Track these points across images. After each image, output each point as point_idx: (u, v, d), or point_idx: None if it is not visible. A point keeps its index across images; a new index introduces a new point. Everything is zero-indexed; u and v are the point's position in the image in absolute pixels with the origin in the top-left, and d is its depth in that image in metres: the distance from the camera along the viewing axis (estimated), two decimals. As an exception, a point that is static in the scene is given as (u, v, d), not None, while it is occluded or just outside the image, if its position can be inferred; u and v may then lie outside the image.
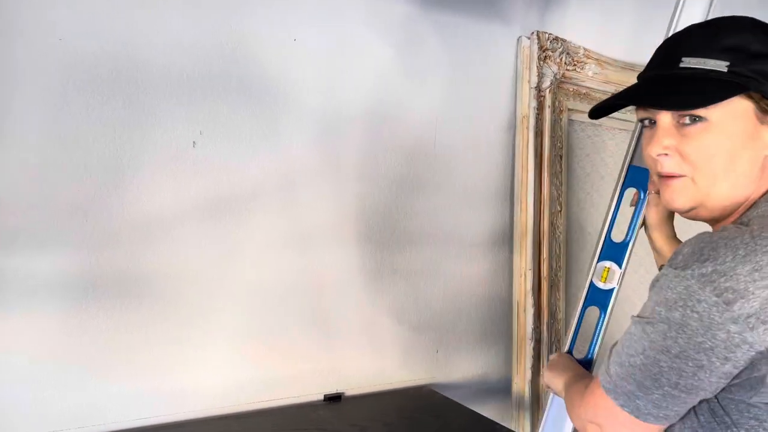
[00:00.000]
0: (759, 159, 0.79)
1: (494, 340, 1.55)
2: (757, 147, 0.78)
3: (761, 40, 0.78)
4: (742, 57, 0.77)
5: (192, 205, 1.19)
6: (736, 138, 0.78)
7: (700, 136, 0.78)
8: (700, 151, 0.79)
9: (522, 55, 1.53)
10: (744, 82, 0.76)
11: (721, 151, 0.78)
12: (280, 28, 1.25)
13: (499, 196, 1.55)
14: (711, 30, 0.82)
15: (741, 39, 0.78)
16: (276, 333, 1.28)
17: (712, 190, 0.80)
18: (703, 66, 0.78)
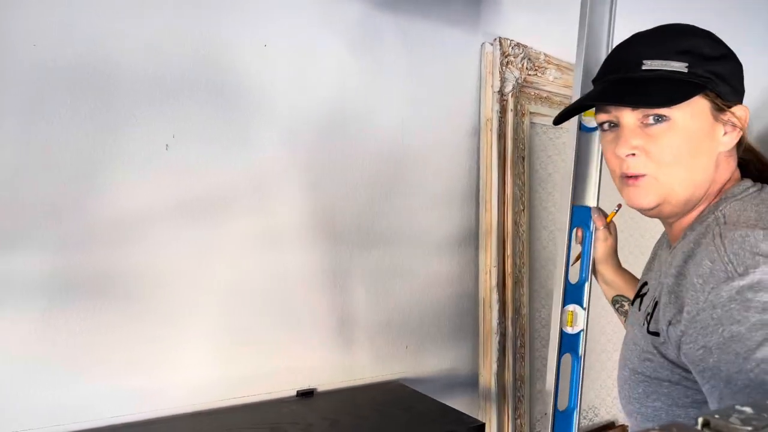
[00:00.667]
0: (714, 155, 0.84)
1: (461, 335, 1.60)
2: (712, 144, 0.84)
3: (709, 45, 0.84)
4: (698, 59, 0.83)
5: (165, 206, 1.21)
6: (696, 136, 0.82)
7: (665, 135, 0.82)
8: (665, 150, 0.82)
9: (485, 60, 1.59)
10: (703, 82, 0.81)
11: (683, 149, 0.82)
12: (252, 34, 1.29)
13: (465, 196, 1.61)
14: (665, 35, 0.87)
15: (693, 43, 0.84)
16: (249, 331, 1.31)
17: (676, 187, 0.84)
18: (666, 67, 0.83)
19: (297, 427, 1.18)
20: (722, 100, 0.83)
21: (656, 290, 0.88)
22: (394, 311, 1.51)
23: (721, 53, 0.84)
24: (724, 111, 0.84)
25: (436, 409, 1.32)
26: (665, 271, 0.86)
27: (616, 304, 1.20)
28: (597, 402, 1.88)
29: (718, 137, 0.84)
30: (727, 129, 0.84)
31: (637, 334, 0.89)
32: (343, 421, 1.22)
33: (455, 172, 1.59)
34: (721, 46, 0.85)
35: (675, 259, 0.83)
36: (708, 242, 0.77)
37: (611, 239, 1.21)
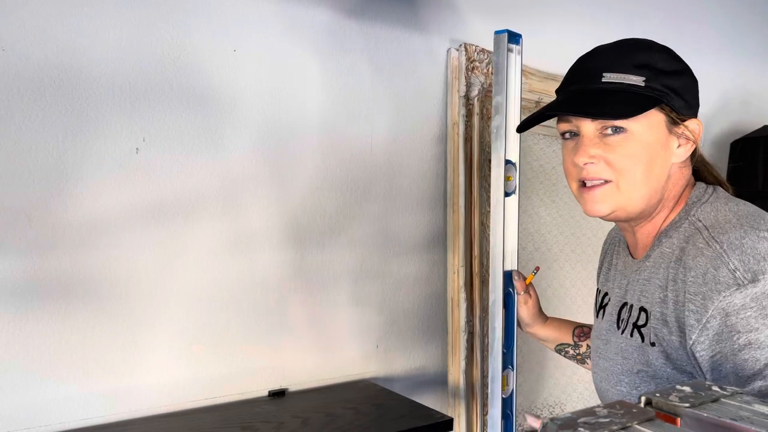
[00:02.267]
0: (668, 166, 0.88)
1: (431, 333, 1.64)
2: (667, 155, 0.87)
3: (666, 60, 0.88)
4: (654, 73, 0.86)
5: (136, 210, 1.22)
6: (652, 146, 0.86)
7: (622, 145, 0.86)
8: (624, 159, 0.86)
9: (451, 66, 1.63)
10: (658, 95, 0.85)
11: (640, 158, 0.86)
12: (221, 39, 1.31)
13: (433, 199, 1.64)
14: (623, 49, 0.90)
15: (650, 57, 0.87)
16: (220, 333, 1.33)
17: (633, 194, 0.87)
18: (624, 81, 0.86)
19: (269, 426, 1.20)
20: (677, 114, 0.87)
21: (638, 300, 0.89)
22: (364, 311, 1.53)
23: (677, 68, 0.88)
24: (678, 124, 0.87)
25: (405, 405, 1.35)
26: (648, 279, 0.88)
27: (561, 352, 1.25)
28: (563, 398, 1.94)
29: (672, 149, 0.88)
30: (681, 141, 0.88)
31: (626, 348, 0.90)
32: (314, 420, 1.24)
33: (423, 176, 1.62)
34: (678, 61, 0.89)
35: (657, 268, 0.86)
36: (701, 248, 0.80)
37: (531, 301, 1.24)
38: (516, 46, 1.19)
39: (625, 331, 0.91)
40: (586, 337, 1.23)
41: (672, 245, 0.86)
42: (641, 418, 0.46)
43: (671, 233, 0.87)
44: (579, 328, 1.25)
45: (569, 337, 1.24)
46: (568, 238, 1.97)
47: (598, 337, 1.01)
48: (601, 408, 0.47)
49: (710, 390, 0.54)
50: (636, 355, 0.88)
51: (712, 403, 0.52)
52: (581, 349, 1.23)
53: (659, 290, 0.84)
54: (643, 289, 0.89)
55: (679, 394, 0.52)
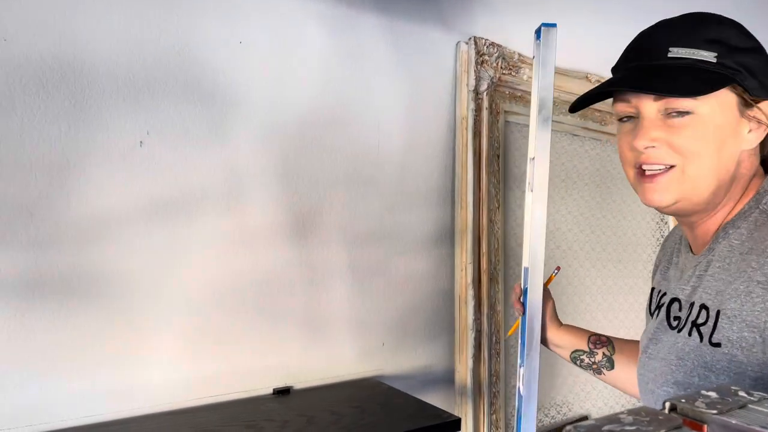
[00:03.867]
0: (737, 153, 0.81)
1: (437, 331, 1.61)
2: (737, 141, 0.80)
3: (738, 36, 0.80)
4: (726, 49, 0.78)
5: (139, 204, 1.20)
6: (722, 130, 0.79)
7: (690, 127, 0.78)
8: (690, 142, 0.78)
9: (460, 59, 1.61)
10: (731, 74, 0.77)
11: (709, 143, 0.78)
12: (226, 31, 1.29)
13: (441, 195, 1.62)
14: (693, 23, 0.82)
15: (721, 33, 0.80)
16: (224, 330, 1.31)
17: (700, 183, 0.80)
18: (694, 56, 0.78)
19: (273, 424, 1.18)
20: (750, 95, 0.79)
21: (699, 297, 0.83)
22: (370, 309, 1.51)
23: (751, 45, 0.80)
24: (751, 106, 0.80)
25: (412, 404, 1.32)
26: (713, 275, 0.81)
27: (576, 361, 1.18)
28: (570, 397, 1.91)
29: (742, 134, 0.80)
30: (752, 126, 0.80)
31: (682, 347, 0.84)
32: (319, 418, 1.22)
33: (431, 171, 1.60)
34: (751, 38, 0.81)
35: (726, 262, 0.80)
36: None
37: (549, 303, 1.18)
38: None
39: (682, 329, 0.84)
40: (603, 345, 1.16)
41: (741, 236, 0.79)
42: (668, 426, 0.44)
43: (739, 224, 0.80)
44: (594, 336, 1.18)
45: (584, 344, 1.17)
46: (588, 236, 1.94)
47: (647, 336, 0.96)
48: (626, 415, 0.44)
49: (737, 396, 0.52)
50: (693, 355, 0.81)
51: (740, 409, 0.49)
52: (597, 357, 1.17)
53: (730, 285, 0.77)
54: (706, 285, 0.82)
55: (705, 400, 0.50)
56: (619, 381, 1.17)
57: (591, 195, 1.94)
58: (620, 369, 1.15)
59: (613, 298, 2.01)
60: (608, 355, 1.16)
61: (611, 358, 1.16)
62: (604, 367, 1.16)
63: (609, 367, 1.16)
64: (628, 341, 1.19)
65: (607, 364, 1.16)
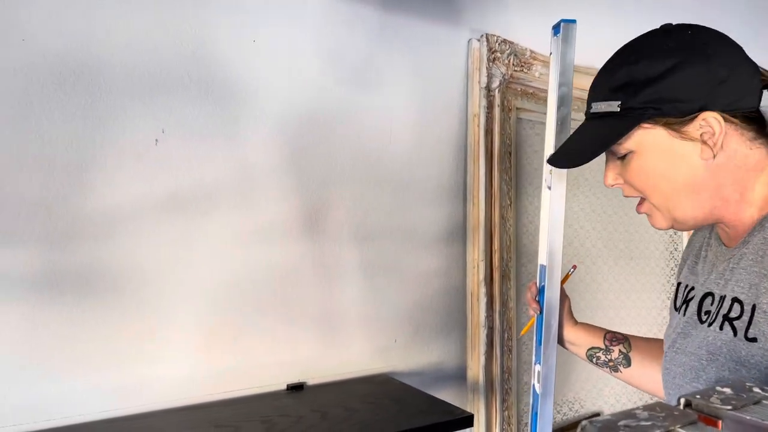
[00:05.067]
0: (698, 169, 0.81)
1: (450, 328, 1.62)
2: (691, 161, 0.81)
3: (648, 65, 0.81)
4: (631, 91, 0.82)
5: (154, 201, 1.22)
6: (667, 155, 0.82)
7: (634, 164, 0.84)
8: (639, 178, 0.85)
9: (472, 56, 1.61)
10: (638, 115, 0.81)
11: (656, 176, 0.83)
12: (240, 30, 1.30)
13: (453, 191, 1.62)
14: (607, 71, 0.88)
15: (628, 73, 0.83)
16: (238, 326, 1.32)
17: (675, 207, 0.84)
18: (603, 109, 0.85)
19: (287, 419, 1.19)
20: (675, 117, 0.80)
21: (731, 290, 0.83)
22: (383, 305, 1.52)
23: (665, 69, 0.80)
24: (689, 123, 0.81)
25: (425, 401, 1.33)
26: (746, 268, 0.81)
27: (592, 358, 1.18)
28: (582, 394, 1.91)
29: (693, 152, 0.81)
30: (706, 138, 0.81)
31: (713, 341, 0.84)
32: (333, 414, 1.23)
33: (443, 168, 1.60)
34: (671, 56, 0.81)
35: (762, 255, 0.79)
36: None
37: (565, 302, 1.19)
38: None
39: (713, 324, 0.84)
40: (619, 342, 1.16)
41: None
42: (683, 422, 0.44)
43: None
44: (610, 333, 1.19)
45: (600, 341, 1.17)
46: (612, 234, 1.94)
47: (675, 331, 0.95)
48: (641, 410, 0.45)
49: (752, 391, 0.52)
50: (725, 350, 0.80)
51: (754, 405, 0.50)
52: (613, 354, 1.17)
53: (765, 279, 0.77)
54: (739, 278, 0.82)
55: (720, 396, 0.50)
56: (636, 378, 1.17)
57: (603, 192, 1.93)
58: (637, 366, 1.15)
59: (626, 296, 2.01)
60: (625, 353, 1.16)
61: (628, 356, 1.16)
62: (621, 364, 1.16)
63: (626, 364, 1.16)
64: (645, 339, 1.19)
65: (624, 362, 1.16)
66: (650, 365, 1.13)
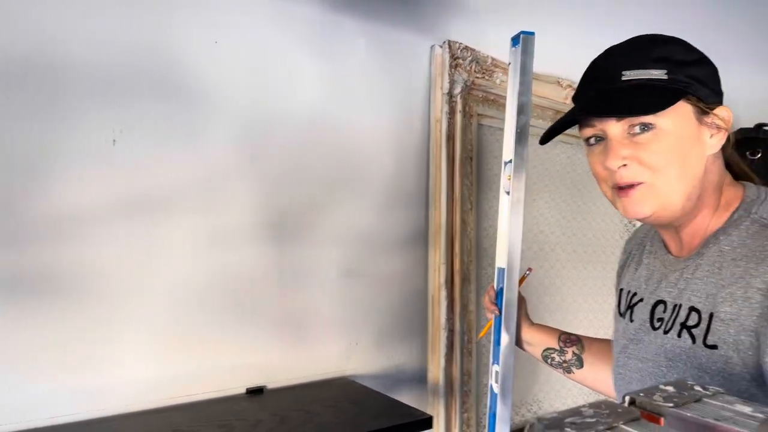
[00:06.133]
0: (704, 159, 0.84)
1: (411, 331, 1.63)
2: (701, 147, 0.84)
3: (681, 50, 0.85)
4: (674, 65, 0.83)
5: (113, 203, 1.20)
6: (684, 140, 0.83)
7: (654, 142, 0.82)
8: (657, 156, 0.82)
9: (435, 62, 1.63)
10: (683, 86, 0.82)
11: (675, 154, 0.82)
12: (202, 30, 1.29)
13: (415, 196, 1.64)
14: (640, 45, 0.87)
15: (667, 50, 0.84)
16: (197, 329, 1.30)
17: (672, 193, 0.83)
18: (645, 76, 0.83)
19: (245, 424, 1.18)
20: (704, 103, 0.83)
21: (687, 299, 0.85)
22: (345, 309, 1.52)
23: (696, 58, 0.84)
24: (708, 114, 0.84)
25: (385, 403, 1.34)
26: (702, 278, 0.84)
27: (548, 359, 1.21)
28: (541, 396, 1.95)
29: (705, 140, 0.84)
30: (713, 131, 0.84)
31: (671, 349, 0.86)
32: (292, 417, 1.22)
33: (406, 173, 1.61)
34: (694, 51, 0.86)
35: (717, 267, 0.82)
36: None
37: (522, 303, 1.22)
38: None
39: (670, 331, 0.87)
40: (572, 344, 1.19)
41: (732, 243, 0.82)
42: (626, 418, 0.46)
43: (730, 231, 0.83)
44: (564, 334, 1.21)
45: (555, 342, 1.20)
46: (570, 238, 1.98)
47: (625, 337, 0.97)
48: (587, 408, 0.46)
49: (693, 390, 0.54)
50: (685, 357, 0.83)
51: (695, 402, 0.52)
52: (567, 355, 1.19)
53: (722, 289, 0.80)
54: (695, 288, 0.85)
55: (663, 394, 0.52)
56: (588, 380, 1.19)
57: (562, 198, 1.97)
58: (588, 368, 1.18)
59: (583, 299, 2.05)
60: (578, 354, 1.19)
61: (580, 357, 1.18)
62: (574, 365, 1.19)
63: (578, 365, 1.18)
64: (597, 340, 1.21)
65: (577, 363, 1.18)
66: (601, 366, 1.16)
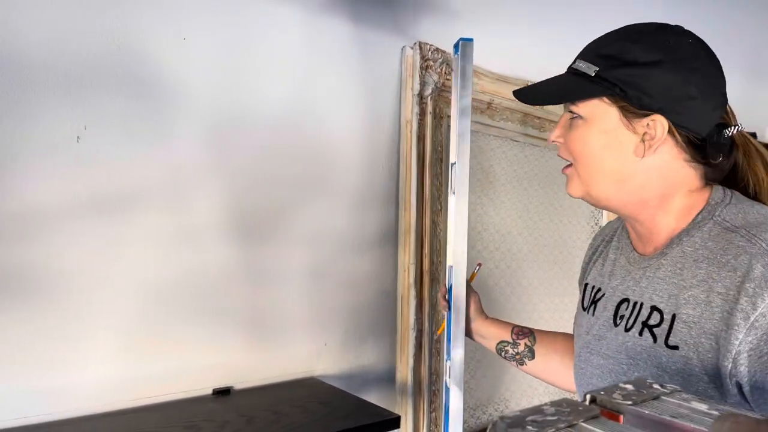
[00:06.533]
0: (628, 160, 0.85)
1: (380, 331, 1.63)
2: (624, 149, 0.84)
3: (639, 50, 0.83)
4: (612, 64, 0.84)
5: (76, 200, 1.17)
6: (606, 136, 0.85)
7: (577, 130, 0.87)
8: (575, 143, 0.88)
9: (406, 63, 1.63)
10: (607, 86, 0.83)
11: (592, 147, 0.86)
12: (170, 27, 1.27)
13: (385, 196, 1.64)
14: (606, 39, 0.88)
15: (620, 47, 0.84)
16: (163, 329, 1.29)
17: (592, 183, 0.88)
18: (582, 69, 0.87)
19: (212, 424, 1.17)
20: (635, 108, 0.83)
21: (650, 298, 0.86)
22: (314, 309, 1.52)
23: (653, 60, 0.82)
24: (640, 119, 0.83)
25: (353, 403, 1.34)
26: (664, 278, 0.84)
27: (501, 352, 1.24)
28: (507, 395, 1.97)
29: (629, 144, 0.85)
30: (646, 138, 0.84)
31: (632, 347, 0.86)
32: (259, 418, 1.22)
33: (376, 173, 1.62)
34: (659, 52, 0.82)
35: (679, 268, 0.82)
36: (743, 246, 0.77)
37: (473, 298, 1.26)
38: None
39: (631, 329, 0.88)
40: (525, 336, 1.23)
41: (695, 245, 0.83)
42: (586, 416, 0.47)
43: (693, 232, 0.84)
44: (517, 327, 1.25)
45: (508, 335, 1.24)
46: (537, 239, 2.01)
47: (588, 333, 0.98)
48: (549, 406, 0.47)
49: (651, 388, 0.55)
50: (645, 355, 0.84)
51: (653, 400, 0.53)
52: (519, 347, 1.23)
53: (684, 291, 0.81)
54: (657, 287, 0.86)
55: (622, 392, 0.53)
56: (539, 371, 1.23)
57: (529, 199, 2.00)
58: (540, 358, 1.21)
59: (550, 299, 2.09)
60: (529, 345, 1.22)
61: (532, 349, 1.22)
62: (526, 357, 1.22)
63: (530, 357, 1.22)
64: (549, 333, 1.25)
65: (529, 354, 1.22)
66: (553, 357, 1.20)
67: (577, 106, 0.87)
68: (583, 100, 0.87)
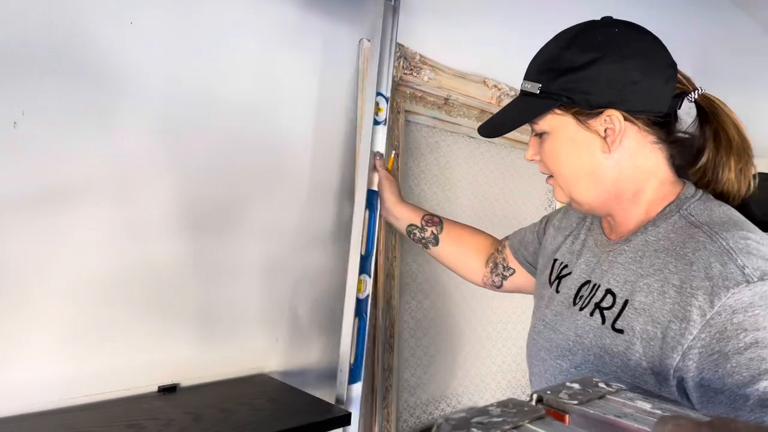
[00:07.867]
0: (599, 160, 0.87)
1: (333, 327, 1.62)
2: (592, 150, 0.87)
3: (574, 54, 0.85)
4: (552, 77, 0.87)
5: (13, 190, 1.11)
6: (573, 143, 0.88)
7: (546, 145, 0.92)
8: (548, 158, 0.93)
9: (363, 56, 1.61)
10: (553, 100, 0.87)
11: (563, 157, 0.90)
12: (116, 9, 1.22)
13: (341, 191, 1.62)
14: (542, 52, 0.91)
15: (555, 58, 0.87)
16: (106, 326, 1.24)
17: (572, 190, 0.92)
18: (527, 88, 0.92)
19: (157, 423, 1.13)
20: (586, 109, 0.86)
21: (607, 281, 0.87)
22: (266, 304, 1.49)
23: (590, 59, 0.84)
24: (595, 117, 0.86)
25: (304, 400, 1.32)
26: (624, 264, 0.86)
27: (410, 234, 1.39)
28: (460, 390, 1.98)
29: (595, 144, 0.87)
30: (608, 134, 0.86)
31: (582, 326, 0.88)
32: (206, 415, 1.18)
33: (333, 166, 1.59)
34: (592, 50, 0.84)
35: (640, 256, 0.84)
36: (703, 241, 0.78)
37: (392, 181, 1.43)
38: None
39: (584, 308, 0.90)
40: (434, 224, 1.36)
41: (658, 235, 0.85)
42: (532, 416, 0.46)
43: (659, 223, 0.86)
44: (428, 215, 1.38)
45: (418, 220, 1.38)
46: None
47: (548, 307, 1.00)
48: (495, 407, 0.47)
49: (597, 387, 0.55)
50: (592, 335, 0.86)
51: (599, 399, 0.53)
52: (426, 233, 1.37)
53: (641, 278, 0.82)
54: (616, 272, 0.87)
55: (569, 391, 0.53)
56: (441, 257, 1.41)
57: (485, 194, 2.01)
58: (442, 246, 1.38)
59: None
60: (435, 234, 1.37)
61: (437, 236, 1.37)
62: (430, 242, 1.37)
63: (434, 243, 1.39)
64: (458, 225, 1.40)
65: (433, 241, 1.37)
66: (454, 248, 1.38)
67: (537, 123, 0.92)
68: (537, 118, 0.91)
